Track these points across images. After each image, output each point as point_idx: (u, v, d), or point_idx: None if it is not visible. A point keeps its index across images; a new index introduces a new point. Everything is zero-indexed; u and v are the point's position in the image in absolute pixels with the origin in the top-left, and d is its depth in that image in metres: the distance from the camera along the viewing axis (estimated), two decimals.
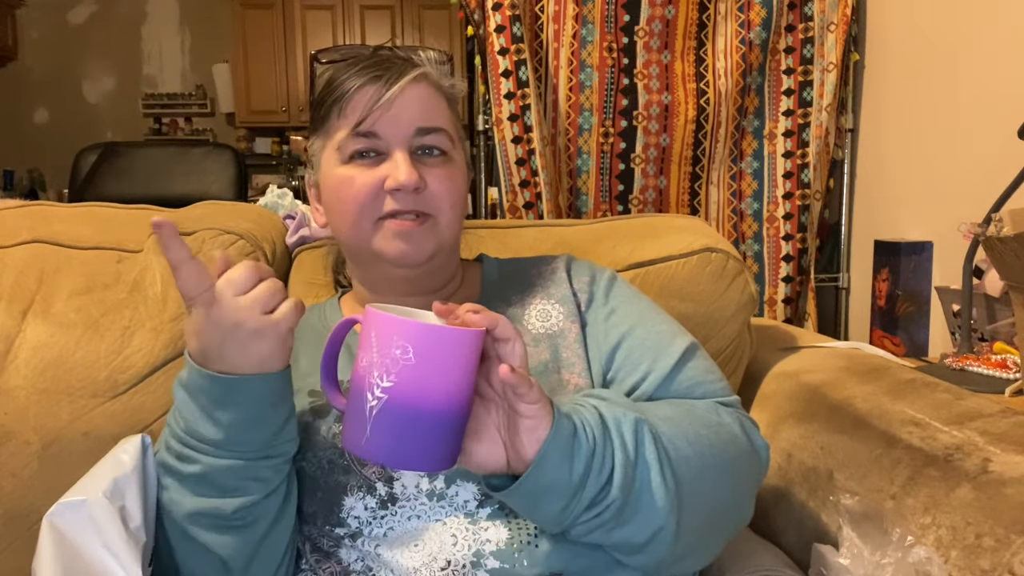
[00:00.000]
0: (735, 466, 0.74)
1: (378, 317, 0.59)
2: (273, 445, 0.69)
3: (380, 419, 0.57)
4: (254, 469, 0.68)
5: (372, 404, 0.57)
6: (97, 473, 0.70)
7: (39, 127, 5.69)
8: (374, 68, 0.80)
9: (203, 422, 0.66)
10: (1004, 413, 0.85)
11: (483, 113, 1.91)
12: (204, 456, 0.67)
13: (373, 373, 0.57)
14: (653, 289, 1.07)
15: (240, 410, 0.66)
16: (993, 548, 0.68)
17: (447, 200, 0.80)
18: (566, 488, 0.62)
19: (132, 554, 0.66)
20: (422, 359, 0.57)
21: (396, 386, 0.57)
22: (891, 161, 1.90)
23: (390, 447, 0.58)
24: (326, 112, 0.81)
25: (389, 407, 0.57)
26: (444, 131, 0.81)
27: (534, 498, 0.63)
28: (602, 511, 0.64)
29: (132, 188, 2.33)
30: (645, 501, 0.64)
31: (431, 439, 0.58)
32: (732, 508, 0.74)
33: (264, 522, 0.70)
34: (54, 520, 0.66)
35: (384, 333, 0.58)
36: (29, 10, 5.58)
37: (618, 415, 0.66)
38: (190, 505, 0.69)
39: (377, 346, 0.58)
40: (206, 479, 0.68)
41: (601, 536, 0.66)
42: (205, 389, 0.65)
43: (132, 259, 1.06)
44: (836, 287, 2.07)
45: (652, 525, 0.65)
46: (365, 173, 0.78)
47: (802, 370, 1.10)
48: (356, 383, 0.59)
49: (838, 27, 1.93)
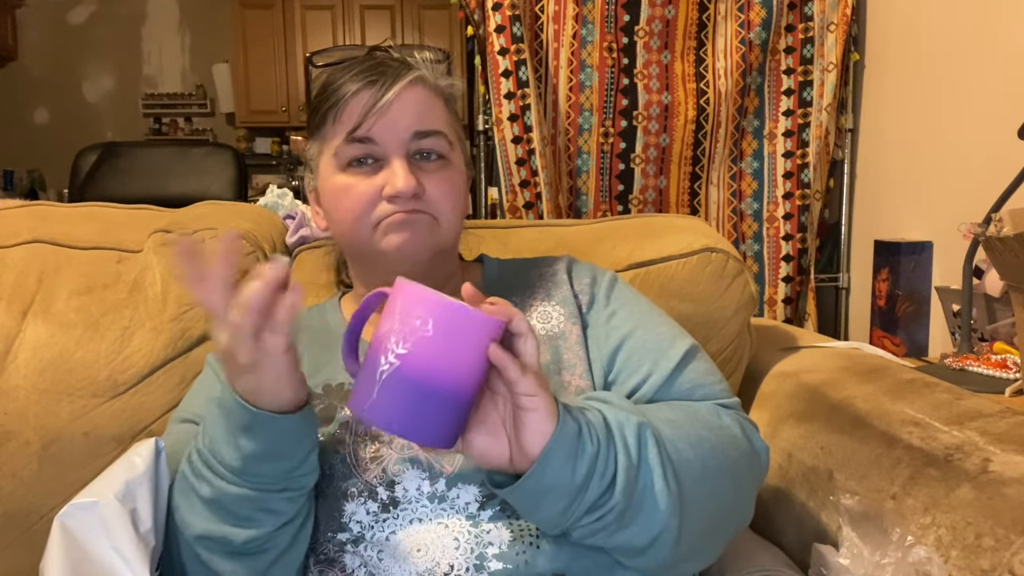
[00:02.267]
0: (736, 468, 0.74)
1: (406, 287, 0.60)
2: (291, 478, 0.67)
3: (388, 384, 0.58)
4: (268, 501, 0.67)
5: (383, 368, 0.58)
6: (110, 475, 0.70)
7: (39, 127, 5.69)
8: (369, 73, 0.79)
9: (225, 445, 0.65)
10: (1004, 413, 0.85)
11: (483, 113, 1.91)
12: (219, 480, 0.66)
13: (391, 339, 0.58)
14: (653, 289, 1.07)
15: (262, 441, 0.64)
16: (993, 548, 0.68)
17: (446, 204, 0.80)
18: (569, 488, 0.62)
19: (141, 557, 0.66)
20: (439, 334, 0.58)
21: (409, 354, 0.58)
22: (891, 161, 1.90)
23: (392, 413, 0.59)
24: (322, 118, 0.81)
25: (399, 373, 0.58)
26: (441, 134, 0.81)
27: (537, 497, 0.63)
28: (604, 514, 0.64)
29: (132, 188, 2.33)
30: (647, 505, 0.64)
31: (433, 413, 0.59)
32: (733, 510, 0.74)
33: (275, 551, 0.69)
34: (65, 520, 0.66)
35: (409, 302, 0.59)
36: (29, 10, 5.58)
37: (621, 418, 0.66)
38: (201, 527, 0.68)
39: (400, 314, 0.59)
40: (218, 504, 0.67)
41: (603, 539, 0.66)
42: (233, 412, 0.64)
43: (132, 259, 1.06)
44: (836, 287, 2.07)
45: (654, 528, 0.65)
46: (363, 181, 0.78)
47: (802, 370, 1.10)
48: (373, 347, 0.60)
49: (838, 27, 1.93)
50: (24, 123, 5.66)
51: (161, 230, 1.06)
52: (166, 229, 1.06)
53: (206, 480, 0.67)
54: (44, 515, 0.98)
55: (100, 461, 0.97)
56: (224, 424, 0.65)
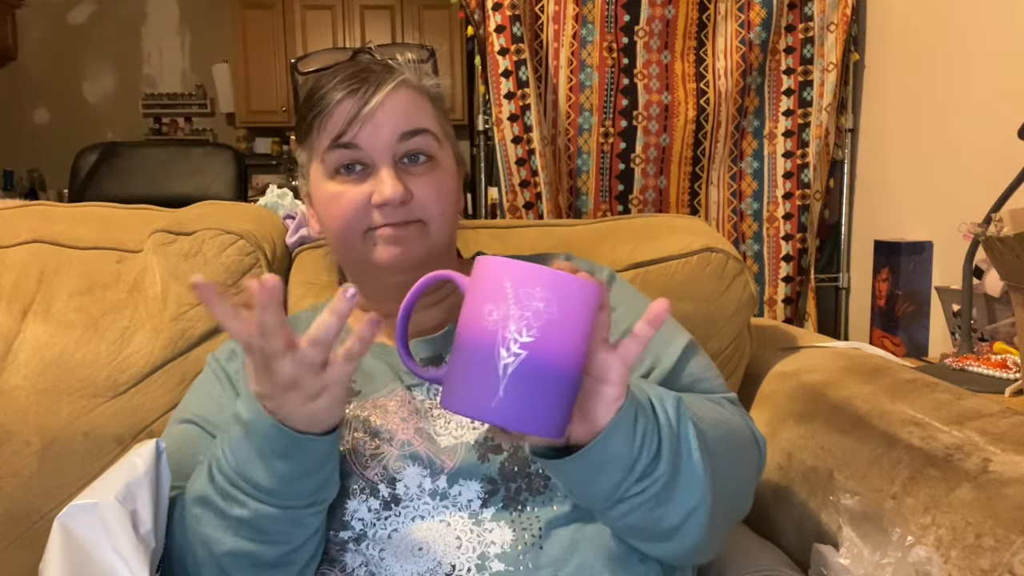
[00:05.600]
0: (744, 455, 0.74)
1: (515, 265, 0.54)
2: (319, 492, 0.67)
3: (517, 378, 0.52)
4: (300, 517, 0.67)
5: (507, 361, 0.52)
6: (110, 476, 0.70)
7: (39, 127, 5.69)
8: (352, 80, 0.79)
9: (258, 468, 0.64)
10: (1004, 413, 0.85)
11: (483, 113, 1.91)
12: (253, 502, 0.65)
13: (509, 327, 0.53)
14: (653, 289, 1.07)
15: (298, 464, 0.64)
16: (993, 548, 0.68)
17: (435, 208, 0.80)
18: (626, 459, 0.61)
19: (141, 558, 0.66)
20: (565, 314, 0.53)
21: (537, 341, 0.52)
22: (891, 161, 1.90)
23: (528, 411, 0.53)
24: (308, 126, 0.81)
25: (529, 364, 0.52)
26: (428, 132, 0.80)
27: (596, 469, 0.61)
28: (650, 485, 0.62)
29: (132, 188, 2.33)
30: (685, 477, 0.63)
31: (561, 401, 0.55)
32: (740, 497, 0.75)
33: (299, 564, 0.70)
34: (65, 522, 0.66)
35: (524, 283, 0.53)
36: (29, 10, 5.58)
37: (660, 392, 0.66)
38: (231, 545, 0.68)
39: (514, 297, 0.53)
40: (252, 524, 0.66)
41: (642, 515, 0.64)
42: (269, 437, 0.63)
43: (132, 259, 1.06)
44: (836, 287, 2.07)
45: (690, 503, 0.64)
46: (352, 189, 0.78)
47: (802, 370, 1.10)
48: (479, 339, 0.54)
49: (838, 27, 1.93)
50: (24, 123, 5.66)
51: (161, 230, 1.06)
52: (166, 229, 1.06)
53: (237, 501, 0.66)
54: (44, 515, 0.98)
55: (100, 461, 0.98)
56: (254, 447, 0.64)
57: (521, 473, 0.74)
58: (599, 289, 0.55)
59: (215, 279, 1.03)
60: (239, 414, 0.65)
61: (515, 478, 0.74)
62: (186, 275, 1.03)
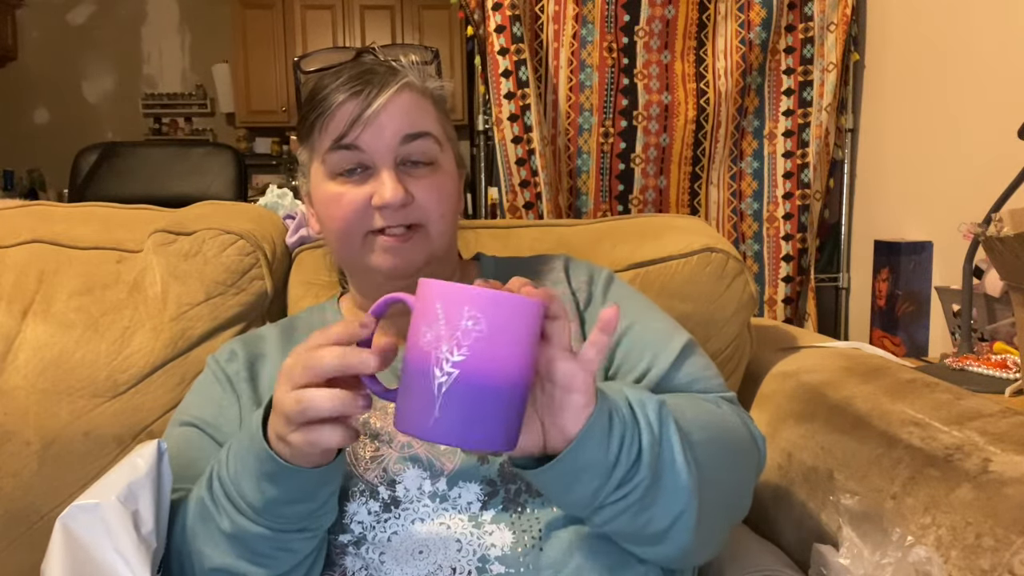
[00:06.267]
0: (739, 455, 0.74)
1: (438, 287, 0.55)
2: (311, 518, 0.66)
3: (450, 396, 0.53)
4: (286, 541, 0.66)
5: (440, 380, 0.53)
6: (112, 477, 0.70)
7: (39, 127, 5.69)
8: (356, 81, 0.78)
9: (249, 482, 0.64)
10: (1004, 413, 0.85)
11: (483, 113, 1.91)
12: (240, 517, 0.65)
13: (441, 347, 0.54)
14: (653, 289, 1.07)
15: (285, 491, 0.63)
16: (993, 548, 0.68)
17: (436, 211, 0.79)
18: (603, 466, 0.61)
19: (142, 559, 0.66)
20: (495, 330, 0.54)
21: (468, 359, 0.53)
22: (891, 161, 1.90)
23: (463, 428, 0.54)
24: (310, 127, 0.81)
25: (461, 383, 0.53)
26: (430, 135, 0.80)
27: (571, 477, 0.61)
28: (631, 491, 0.62)
29: (132, 188, 2.33)
30: (668, 482, 0.63)
31: (502, 415, 0.55)
32: (737, 498, 0.74)
33: None
34: (67, 522, 0.66)
35: (451, 303, 0.54)
36: (29, 10, 5.58)
37: (642, 397, 0.66)
38: (218, 561, 0.67)
39: (445, 317, 0.54)
40: (236, 540, 0.66)
41: (626, 521, 0.64)
42: (260, 458, 0.62)
43: (132, 259, 1.06)
44: (836, 287, 2.07)
45: (676, 507, 0.64)
46: (352, 191, 0.78)
47: (802, 370, 1.10)
48: (417, 360, 0.55)
49: (838, 27, 1.93)
50: (24, 123, 5.66)
51: (161, 230, 1.06)
52: (166, 229, 1.06)
53: (227, 514, 0.66)
54: (45, 515, 0.98)
55: (100, 461, 0.98)
56: (250, 464, 0.63)
57: (521, 475, 0.74)
58: (536, 303, 0.56)
59: (215, 279, 1.03)
60: (249, 426, 0.65)
61: (515, 480, 0.74)
62: (186, 275, 1.03)
